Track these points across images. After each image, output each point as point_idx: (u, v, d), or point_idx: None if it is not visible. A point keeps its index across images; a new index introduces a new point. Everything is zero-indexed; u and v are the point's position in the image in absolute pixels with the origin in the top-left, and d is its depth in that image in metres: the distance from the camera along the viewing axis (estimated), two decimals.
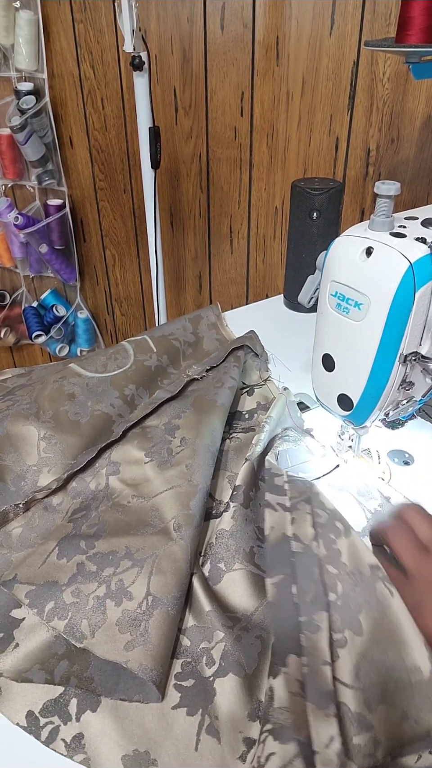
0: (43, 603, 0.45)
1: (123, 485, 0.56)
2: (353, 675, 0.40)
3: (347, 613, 0.43)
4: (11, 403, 0.63)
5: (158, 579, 0.45)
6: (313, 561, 0.46)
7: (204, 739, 0.38)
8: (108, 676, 0.42)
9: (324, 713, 0.37)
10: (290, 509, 0.51)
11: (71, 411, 0.62)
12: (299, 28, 1.08)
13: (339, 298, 0.49)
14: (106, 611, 0.44)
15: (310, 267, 0.88)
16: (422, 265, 0.44)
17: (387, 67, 1.02)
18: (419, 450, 0.61)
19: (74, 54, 1.43)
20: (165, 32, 1.25)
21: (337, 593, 0.44)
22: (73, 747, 0.38)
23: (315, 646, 0.41)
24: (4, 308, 1.88)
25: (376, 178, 1.12)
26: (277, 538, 0.49)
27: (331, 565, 0.46)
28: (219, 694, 0.40)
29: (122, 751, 0.38)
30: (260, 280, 1.42)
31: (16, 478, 0.56)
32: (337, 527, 0.49)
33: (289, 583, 0.45)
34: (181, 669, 0.42)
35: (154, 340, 0.74)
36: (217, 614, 0.44)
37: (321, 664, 0.40)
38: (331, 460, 0.60)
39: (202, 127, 1.31)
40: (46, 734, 0.39)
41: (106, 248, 1.72)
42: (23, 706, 0.40)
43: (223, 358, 0.72)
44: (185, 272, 1.56)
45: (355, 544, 0.48)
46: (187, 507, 0.51)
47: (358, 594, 0.44)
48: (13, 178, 1.61)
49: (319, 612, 0.43)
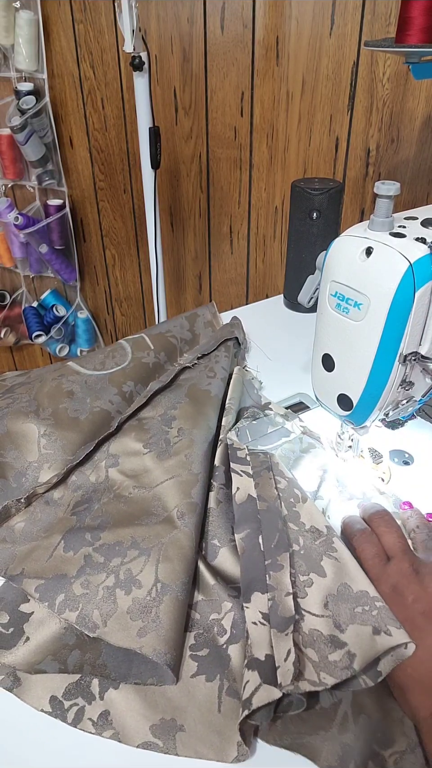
0: (54, 596, 0.45)
1: (123, 477, 0.57)
2: (321, 606, 0.43)
3: (310, 561, 0.46)
4: (11, 401, 0.63)
5: (165, 566, 0.46)
6: (277, 516, 0.49)
7: (225, 700, 0.40)
8: (121, 662, 0.43)
9: (283, 634, 0.41)
10: (253, 476, 0.54)
11: (70, 408, 0.62)
12: (299, 28, 1.08)
13: (339, 298, 0.49)
14: (116, 600, 0.45)
15: (310, 267, 0.88)
16: (422, 265, 0.44)
17: (387, 67, 1.02)
18: (419, 450, 0.61)
19: (74, 54, 1.43)
20: (165, 32, 1.25)
21: (299, 545, 0.48)
22: (100, 724, 0.40)
23: (279, 581, 0.44)
24: (4, 308, 1.88)
25: (376, 178, 1.12)
26: (242, 499, 0.51)
27: (292, 523, 0.49)
28: (234, 658, 0.42)
29: (149, 722, 0.39)
30: (260, 280, 1.42)
31: (17, 475, 0.56)
32: (295, 493, 0.52)
33: (255, 535, 0.48)
34: (194, 641, 0.44)
35: (152, 337, 0.74)
36: (221, 586, 0.46)
37: (284, 596, 0.43)
38: (291, 431, 0.63)
39: (202, 127, 1.31)
40: (72, 715, 0.40)
41: (106, 248, 1.72)
42: (45, 693, 0.41)
43: (214, 347, 0.74)
44: (185, 272, 1.56)
45: (311, 509, 0.51)
46: (188, 495, 0.53)
47: (318, 545, 0.48)
48: (13, 178, 1.61)
49: (282, 553, 0.46)
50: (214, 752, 0.38)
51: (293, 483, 0.54)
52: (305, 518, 0.50)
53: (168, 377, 0.68)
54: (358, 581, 0.44)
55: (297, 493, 0.52)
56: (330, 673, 0.39)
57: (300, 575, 0.45)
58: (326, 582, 0.45)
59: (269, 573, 0.45)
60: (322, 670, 0.39)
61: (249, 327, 0.85)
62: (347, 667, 0.39)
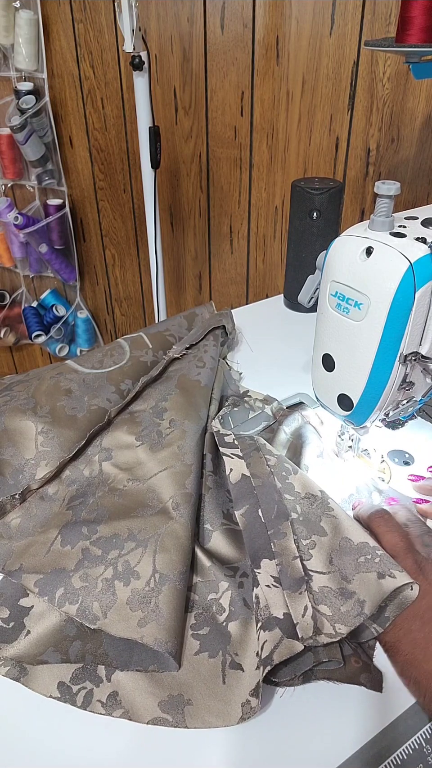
0: (53, 590, 0.46)
1: (117, 470, 0.57)
2: (327, 563, 0.45)
3: (309, 524, 0.48)
4: (8, 399, 0.63)
5: (163, 557, 0.47)
6: (272, 489, 0.51)
7: (229, 673, 0.42)
8: (122, 650, 0.43)
9: (297, 593, 0.43)
10: (244, 457, 0.55)
11: (68, 406, 0.62)
12: (299, 28, 1.08)
13: (339, 298, 0.49)
14: (115, 592, 0.45)
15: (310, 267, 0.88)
16: (422, 265, 0.44)
17: (387, 67, 1.02)
18: (419, 450, 0.61)
19: (74, 54, 1.43)
20: (165, 32, 1.25)
21: (297, 512, 0.49)
22: (109, 705, 0.40)
23: (284, 547, 0.46)
24: (4, 308, 1.88)
25: (376, 177, 1.12)
26: (236, 478, 0.53)
27: (288, 494, 0.51)
28: (234, 634, 0.43)
29: (157, 699, 0.40)
30: (260, 279, 1.42)
31: (14, 472, 0.57)
32: (286, 467, 0.54)
33: (255, 509, 0.49)
34: (195, 620, 0.45)
35: (150, 336, 0.75)
36: (217, 567, 0.48)
37: (292, 560, 0.45)
38: (270, 416, 0.66)
39: (202, 126, 1.31)
40: (81, 699, 0.41)
41: (105, 248, 1.72)
42: (53, 680, 0.42)
43: (201, 336, 0.74)
44: (185, 272, 1.56)
45: (303, 479, 0.53)
46: (183, 486, 0.53)
47: (315, 508, 0.50)
48: (13, 177, 1.61)
49: (283, 522, 0.48)
50: (222, 719, 0.39)
51: (282, 459, 0.55)
52: (299, 488, 0.52)
53: (157, 369, 0.69)
54: (357, 534, 0.46)
55: (288, 467, 0.54)
56: (344, 623, 0.41)
57: (302, 540, 0.47)
58: (328, 540, 0.47)
59: (273, 541, 0.46)
60: (336, 622, 0.41)
61: (249, 327, 0.85)
62: (359, 614, 0.41)
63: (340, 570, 0.44)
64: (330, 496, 0.51)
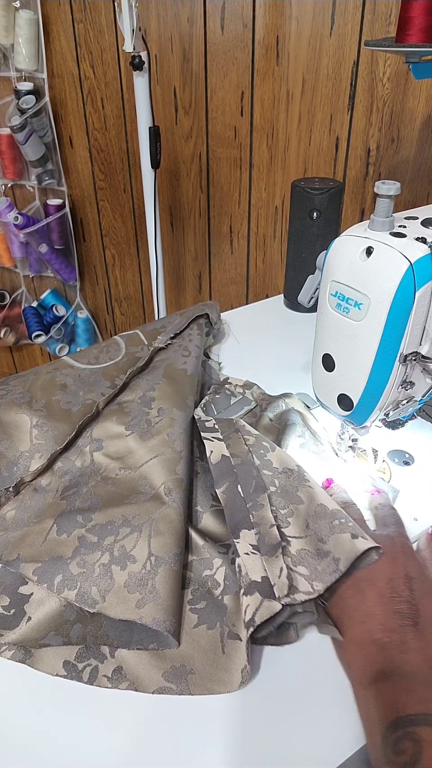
0: (52, 577, 0.46)
1: (108, 459, 0.58)
2: (304, 528, 0.48)
3: (287, 496, 0.51)
4: (4, 393, 0.64)
5: (157, 540, 0.48)
6: (251, 466, 0.53)
7: (227, 643, 0.43)
8: (122, 631, 0.44)
9: (274, 557, 0.45)
10: (223, 439, 0.57)
11: (63, 400, 0.63)
12: (299, 28, 1.08)
13: (339, 298, 0.49)
14: (113, 576, 0.46)
15: (310, 267, 0.88)
16: (422, 265, 0.44)
17: (387, 67, 1.02)
18: (419, 450, 0.61)
19: (74, 54, 1.43)
20: (165, 32, 1.25)
21: (276, 486, 0.52)
22: (115, 679, 0.42)
23: (262, 517, 0.48)
24: (4, 308, 1.88)
25: (376, 177, 1.12)
26: (217, 459, 0.55)
27: (266, 470, 0.53)
28: (230, 607, 0.45)
29: (161, 670, 0.42)
30: (260, 279, 1.42)
31: (8, 465, 0.57)
32: (264, 445, 0.56)
33: (234, 486, 0.52)
34: (192, 596, 0.47)
35: (146, 333, 0.76)
36: (210, 545, 0.50)
37: (269, 528, 0.48)
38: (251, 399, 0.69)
39: (202, 126, 1.31)
40: (87, 675, 0.42)
41: (105, 248, 1.72)
42: (58, 660, 0.43)
43: (185, 325, 0.76)
44: (185, 272, 1.56)
45: (281, 455, 0.54)
46: (174, 472, 0.54)
47: (292, 480, 0.52)
48: (13, 177, 1.61)
49: (261, 494, 0.50)
50: (224, 686, 0.41)
51: (260, 438, 0.57)
52: (277, 463, 0.54)
53: (143, 360, 0.70)
54: (331, 503, 0.49)
55: (266, 445, 0.56)
56: (321, 580, 0.44)
57: (280, 510, 0.50)
58: (304, 507, 0.49)
59: (252, 513, 0.49)
60: (313, 581, 0.44)
61: (249, 327, 0.85)
62: (335, 571, 0.44)
63: (316, 533, 0.47)
64: (306, 470, 0.53)
